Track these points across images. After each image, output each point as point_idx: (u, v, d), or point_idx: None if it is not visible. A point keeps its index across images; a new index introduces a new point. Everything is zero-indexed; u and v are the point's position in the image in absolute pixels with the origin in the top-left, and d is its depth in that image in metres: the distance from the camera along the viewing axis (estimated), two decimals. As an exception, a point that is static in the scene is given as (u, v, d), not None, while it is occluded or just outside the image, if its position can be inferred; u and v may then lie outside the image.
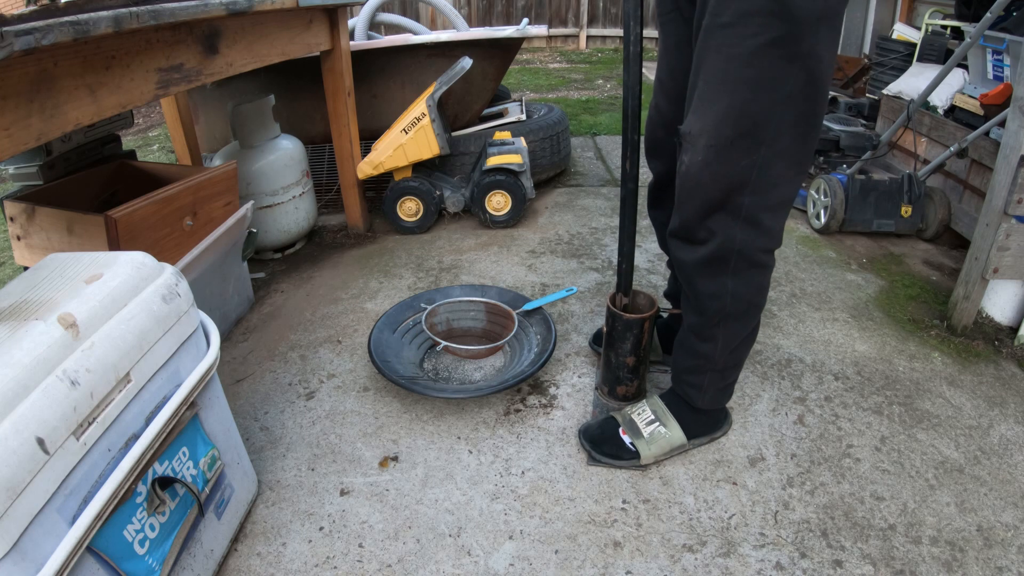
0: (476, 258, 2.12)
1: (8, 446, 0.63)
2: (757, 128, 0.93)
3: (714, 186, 0.98)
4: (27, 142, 0.97)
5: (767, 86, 0.90)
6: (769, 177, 0.97)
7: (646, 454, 1.22)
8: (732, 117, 0.92)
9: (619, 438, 1.24)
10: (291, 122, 2.44)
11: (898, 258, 2.10)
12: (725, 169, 0.96)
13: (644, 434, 1.23)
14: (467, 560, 1.06)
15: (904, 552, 1.07)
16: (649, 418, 1.24)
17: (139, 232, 1.36)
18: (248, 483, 1.15)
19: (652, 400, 1.28)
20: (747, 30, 0.87)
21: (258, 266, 2.10)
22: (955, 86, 2.31)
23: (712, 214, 1.01)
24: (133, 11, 1.07)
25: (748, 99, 0.91)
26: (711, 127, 0.94)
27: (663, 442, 1.22)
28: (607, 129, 3.76)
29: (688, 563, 1.05)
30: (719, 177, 0.97)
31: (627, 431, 1.24)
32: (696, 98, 0.97)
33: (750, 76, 0.90)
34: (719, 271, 1.05)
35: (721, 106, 0.93)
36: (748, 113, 0.92)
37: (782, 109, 0.91)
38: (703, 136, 0.95)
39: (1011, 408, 1.40)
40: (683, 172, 1.01)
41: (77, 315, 0.77)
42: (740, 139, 0.94)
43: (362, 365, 1.57)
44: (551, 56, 6.67)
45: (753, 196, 0.98)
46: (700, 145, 0.96)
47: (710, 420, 1.28)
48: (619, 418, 1.27)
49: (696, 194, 1.00)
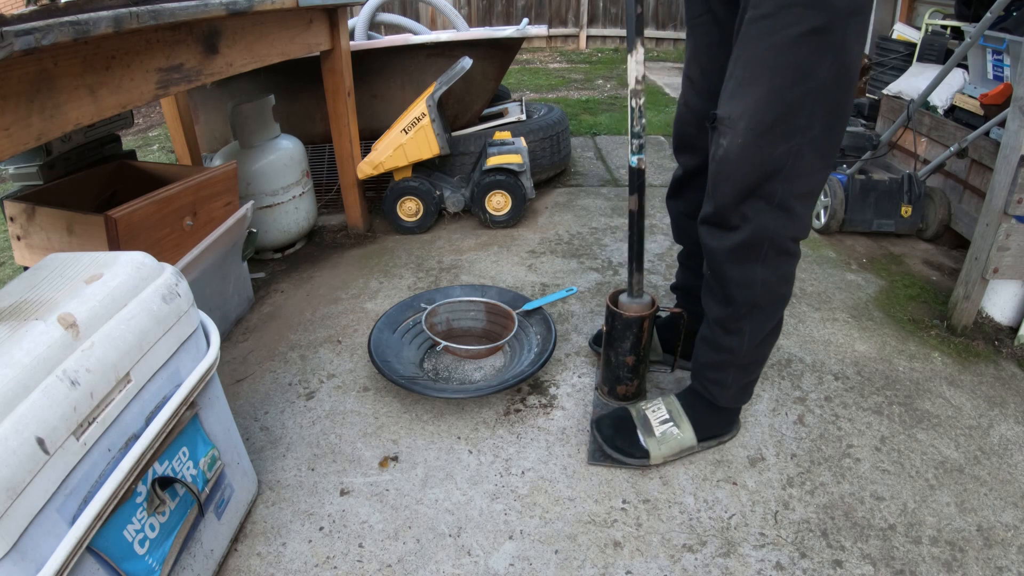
0: (476, 258, 2.12)
1: (8, 446, 0.63)
2: (793, 115, 0.95)
3: (751, 170, 1.00)
4: (27, 142, 0.97)
5: (804, 74, 0.93)
6: (801, 165, 0.99)
7: (656, 454, 1.21)
8: (771, 102, 0.95)
9: (633, 434, 1.23)
10: (291, 122, 2.44)
11: (898, 258, 2.11)
12: (762, 153, 0.98)
13: (656, 433, 1.22)
14: (467, 560, 1.06)
15: (904, 552, 1.07)
16: (663, 417, 1.24)
17: (139, 232, 1.36)
18: (248, 483, 1.15)
19: (668, 399, 1.28)
20: (787, 19, 0.91)
21: (258, 266, 2.10)
22: (955, 86, 2.31)
23: (746, 199, 1.02)
24: (133, 11, 1.07)
25: (786, 85, 0.94)
26: (751, 110, 0.97)
27: (674, 443, 1.22)
28: (607, 129, 3.76)
29: (688, 563, 1.05)
30: (756, 161, 0.99)
31: (640, 428, 1.23)
32: (734, 85, 0.99)
33: (789, 63, 0.93)
34: (750, 258, 1.06)
35: (761, 91, 0.96)
36: (785, 99, 0.95)
37: (815, 98, 0.94)
38: (743, 119, 0.98)
39: (1011, 408, 1.40)
40: (720, 156, 1.02)
41: (77, 315, 0.77)
42: (777, 124, 0.96)
43: (362, 365, 1.57)
44: (551, 56, 6.67)
45: (786, 183, 1.00)
46: (740, 128, 0.98)
47: (723, 421, 1.27)
48: (633, 413, 1.26)
49: (732, 177, 1.02)
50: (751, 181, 1.00)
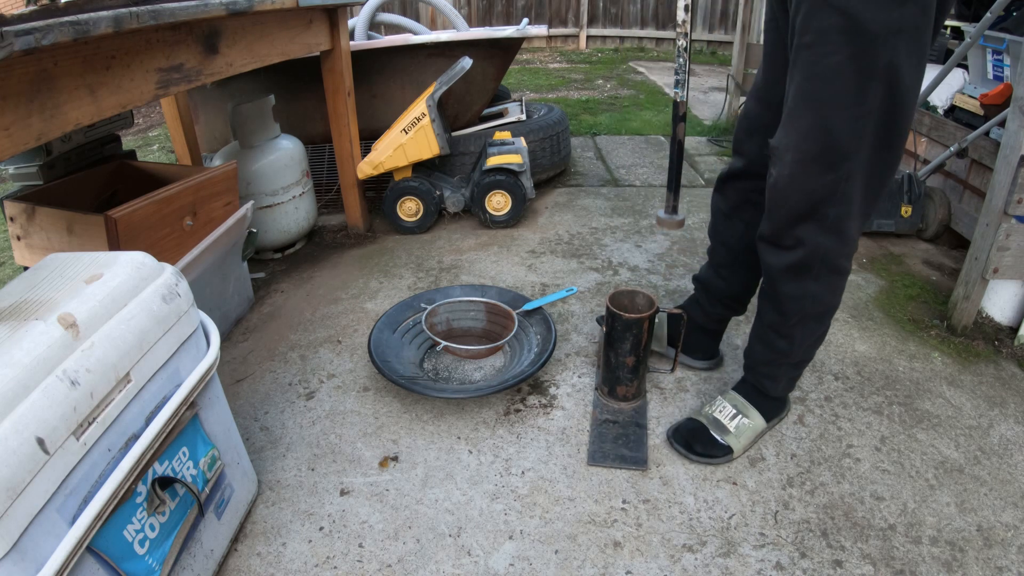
0: (476, 258, 2.12)
1: (8, 446, 0.63)
2: (839, 143, 0.97)
3: (800, 198, 1.03)
4: (27, 142, 0.97)
5: (847, 102, 0.94)
6: (853, 189, 1.01)
7: (738, 447, 1.25)
8: (815, 133, 0.97)
9: (710, 437, 1.27)
10: (291, 122, 2.44)
11: (898, 258, 2.11)
12: (810, 183, 1.01)
13: (731, 429, 1.26)
14: (467, 560, 1.06)
15: (904, 552, 1.07)
16: (731, 412, 1.28)
17: (139, 232, 1.36)
18: (248, 483, 1.15)
19: (729, 395, 1.32)
20: (825, 48, 0.92)
21: (258, 266, 2.10)
22: (955, 86, 2.31)
23: (799, 223, 1.06)
24: (133, 11, 1.07)
25: (829, 115, 0.95)
26: (795, 142, 1.00)
27: (749, 432, 1.27)
28: (607, 129, 3.76)
29: (688, 563, 1.05)
30: (805, 190, 1.02)
31: (715, 430, 1.27)
32: (785, 115, 1.02)
33: (830, 93, 0.94)
34: (803, 276, 1.11)
35: (804, 123, 0.98)
36: (829, 128, 0.96)
37: (863, 124, 0.95)
38: (789, 151, 1.01)
39: (1011, 408, 1.40)
40: (771, 184, 1.06)
41: (77, 315, 0.77)
42: (823, 154, 0.98)
43: (362, 365, 1.57)
44: (551, 56, 6.67)
45: (838, 207, 1.02)
46: (787, 160, 1.01)
47: (779, 402, 1.34)
48: (703, 420, 1.30)
49: (784, 205, 1.06)
50: (802, 208, 1.04)
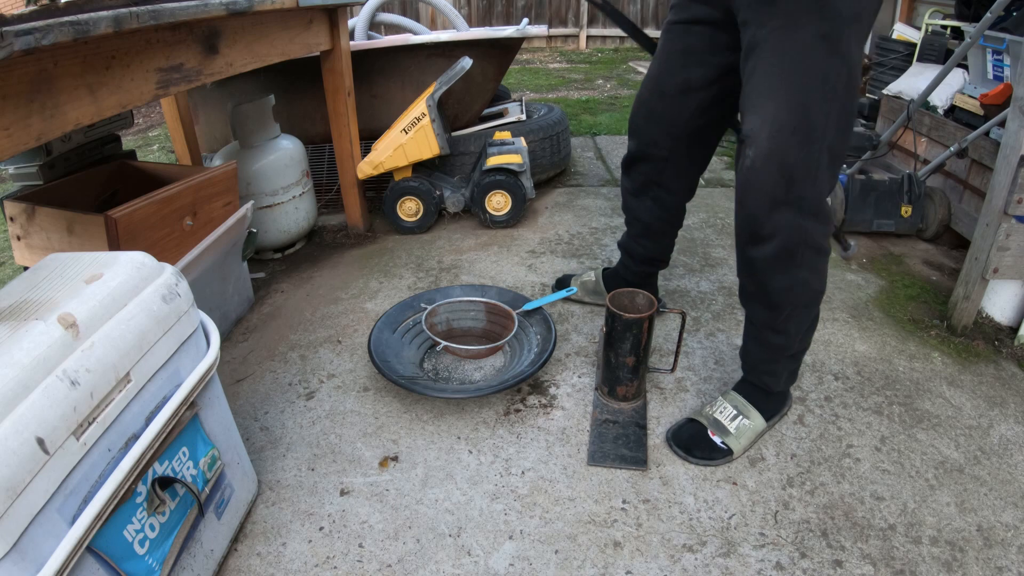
0: (476, 258, 2.12)
1: (8, 446, 0.63)
2: (811, 120, 0.98)
3: (777, 178, 1.02)
4: (27, 142, 0.97)
5: (818, 80, 0.96)
6: (821, 169, 1.02)
7: (738, 448, 1.25)
8: (790, 109, 0.98)
9: (709, 439, 1.26)
10: (291, 122, 2.44)
11: (898, 258, 2.10)
12: (788, 159, 1.01)
13: (731, 430, 1.25)
14: (467, 560, 1.06)
15: (904, 552, 1.07)
16: (732, 413, 1.28)
17: (139, 232, 1.36)
18: (248, 483, 1.15)
19: (729, 396, 1.32)
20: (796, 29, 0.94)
21: (258, 266, 2.10)
22: (955, 86, 2.31)
23: (776, 208, 1.05)
24: (133, 11, 1.07)
25: (803, 91, 0.97)
26: (771, 118, 1.00)
27: (750, 433, 1.26)
28: (607, 129, 3.76)
29: (688, 563, 1.05)
30: (782, 167, 1.01)
31: (715, 431, 1.26)
32: (752, 99, 1.02)
33: (803, 69, 0.96)
34: (789, 264, 1.10)
35: (780, 99, 0.99)
36: (803, 105, 0.97)
37: (829, 103, 0.97)
38: (764, 128, 1.00)
39: (1011, 408, 1.40)
40: (747, 167, 1.05)
41: (77, 315, 0.77)
42: (797, 130, 0.99)
43: (362, 365, 1.57)
44: (551, 56, 6.67)
45: (813, 187, 1.03)
46: (762, 137, 1.01)
47: (780, 399, 1.33)
48: (703, 420, 1.29)
49: (760, 187, 1.04)
50: (778, 190, 1.03)
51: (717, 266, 2.04)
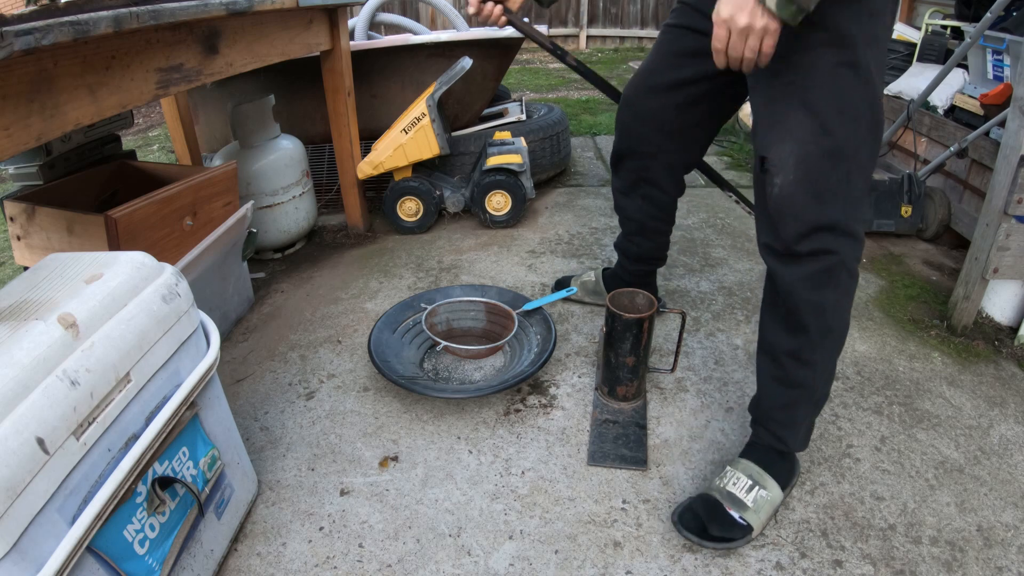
0: (476, 258, 2.12)
1: (8, 446, 0.63)
2: (840, 144, 0.96)
3: (810, 202, 0.98)
4: (27, 142, 0.97)
5: (842, 103, 0.95)
6: (854, 189, 0.99)
7: (758, 524, 1.09)
8: (816, 134, 0.96)
9: (726, 515, 1.10)
10: (291, 122, 2.44)
11: (898, 258, 2.11)
12: (818, 185, 0.98)
13: (749, 503, 1.10)
14: (467, 560, 1.06)
15: (904, 552, 1.07)
16: (747, 484, 1.12)
17: (139, 232, 1.36)
18: (248, 483, 1.15)
19: (742, 464, 1.16)
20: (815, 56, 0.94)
21: (258, 266, 2.10)
22: (955, 86, 2.31)
23: (812, 232, 1.00)
24: (133, 11, 1.07)
25: (828, 116, 0.95)
26: (798, 146, 0.97)
27: (768, 507, 1.11)
28: (607, 129, 3.76)
29: (688, 563, 1.05)
30: (813, 192, 0.98)
31: (731, 506, 1.10)
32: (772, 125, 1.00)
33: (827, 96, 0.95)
34: (826, 284, 1.03)
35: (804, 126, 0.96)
36: (831, 130, 0.96)
37: (855, 124, 0.96)
38: (792, 155, 0.97)
39: (1011, 408, 1.40)
40: (776, 195, 1.00)
41: (77, 315, 0.77)
42: (826, 155, 0.97)
43: (362, 365, 1.57)
44: (551, 56, 6.67)
45: (847, 208, 0.99)
46: (790, 164, 0.98)
47: (792, 463, 1.19)
48: (716, 495, 1.12)
49: (793, 212, 1.00)
50: (812, 215, 0.99)
51: (717, 266, 2.04)
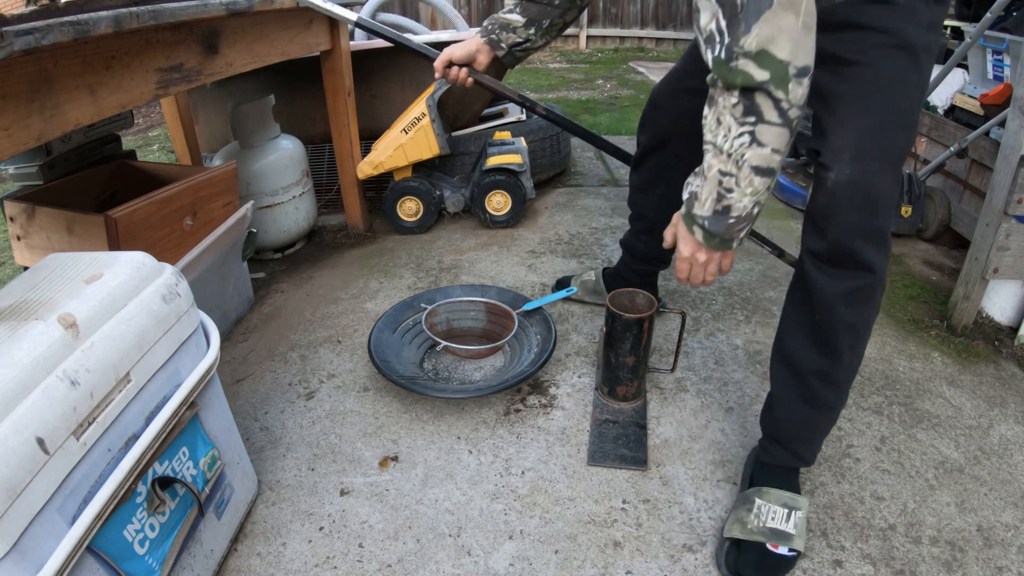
0: (476, 258, 2.12)
1: (8, 446, 0.63)
2: (889, 146, 0.96)
3: (862, 202, 0.96)
4: (27, 142, 0.97)
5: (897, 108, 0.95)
6: (893, 196, 0.98)
7: (802, 547, 1.06)
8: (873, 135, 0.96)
9: (774, 557, 1.05)
10: (291, 122, 2.44)
11: (898, 258, 2.11)
12: (870, 185, 0.96)
13: (792, 532, 1.06)
14: (467, 560, 1.06)
15: (904, 552, 1.07)
16: (784, 513, 1.09)
17: (139, 232, 1.36)
18: (248, 483, 1.15)
19: (772, 494, 1.10)
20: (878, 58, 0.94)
21: (258, 266, 2.10)
22: (955, 86, 2.31)
23: (860, 238, 0.97)
24: (133, 11, 1.07)
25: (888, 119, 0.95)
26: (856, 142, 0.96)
27: (804, 525, 1.09)
28: (607, 129, 3.76)
29: (688, 563, 1.05)
30: (867, 196, 0.96)
31: (777, 542, 1.05)
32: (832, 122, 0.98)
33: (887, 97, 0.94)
34: (864, 300, 0.99)
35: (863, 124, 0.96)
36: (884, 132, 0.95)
37: (901, 130, 0.96)
38: (847, 150, 0.96)
39: (1011, 408, 1.40)
40: (830, 188, 0.97)
41: (77, 315, 0.77)
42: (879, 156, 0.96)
43: (362, 365, 1.57)
44: (551, 56, 6.67)
45: (887, 217, 0.98)
46: (846, 159, 0.96)
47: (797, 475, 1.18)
48: (756, 537, 1.06)
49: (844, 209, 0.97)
50: (863, 216, 0.96)
51: (717, 266, 2.04)
